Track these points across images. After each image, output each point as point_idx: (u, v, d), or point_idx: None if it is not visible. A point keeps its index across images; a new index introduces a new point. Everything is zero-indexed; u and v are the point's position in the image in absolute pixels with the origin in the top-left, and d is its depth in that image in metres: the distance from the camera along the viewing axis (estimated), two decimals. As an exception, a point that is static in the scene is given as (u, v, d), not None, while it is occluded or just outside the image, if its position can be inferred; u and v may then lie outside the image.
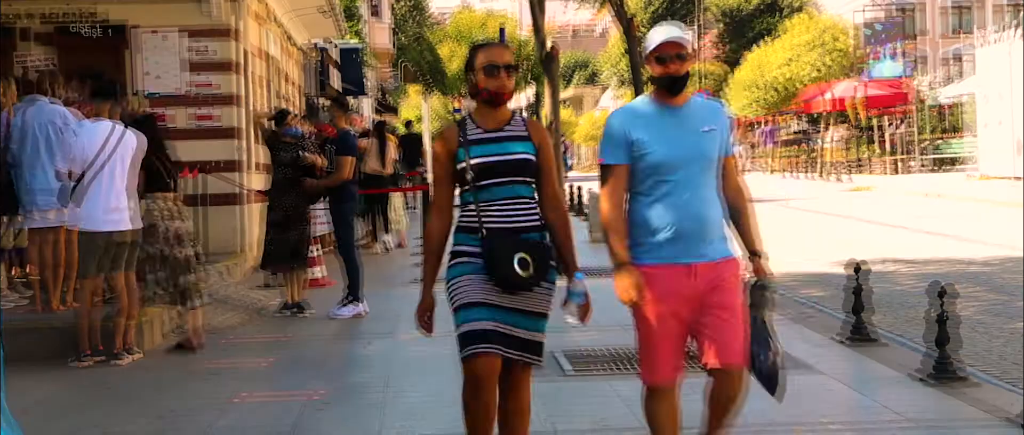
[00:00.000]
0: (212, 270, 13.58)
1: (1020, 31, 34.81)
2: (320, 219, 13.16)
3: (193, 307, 10.08)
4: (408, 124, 28.96)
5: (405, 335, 10.59)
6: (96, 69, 11.66)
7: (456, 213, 5.34)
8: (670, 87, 5.11)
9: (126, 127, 9.49)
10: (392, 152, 20.19)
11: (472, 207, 5.20)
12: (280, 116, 12.76)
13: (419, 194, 20.40)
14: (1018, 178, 32.56)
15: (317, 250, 13.89)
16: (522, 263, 5.06)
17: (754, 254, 5.26)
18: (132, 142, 9.41)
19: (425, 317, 5.47)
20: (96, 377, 8.93)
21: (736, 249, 5.23)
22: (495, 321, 5.16)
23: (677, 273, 5.06)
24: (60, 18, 15.16)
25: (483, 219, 5.16)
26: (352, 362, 9.68)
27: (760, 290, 5.22)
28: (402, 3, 56.17)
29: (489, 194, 5.16)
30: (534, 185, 5.28)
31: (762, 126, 59.12)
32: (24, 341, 9.20)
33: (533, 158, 5.22)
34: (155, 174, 9.90)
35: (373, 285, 12.68)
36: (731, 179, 5.28)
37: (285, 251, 11.88)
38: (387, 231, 19.36)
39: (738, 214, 5.28)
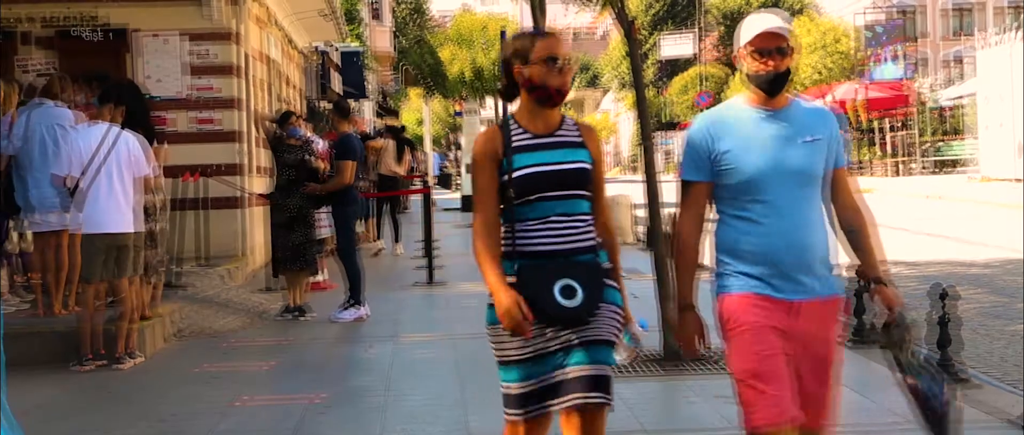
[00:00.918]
0: (213, 274, 13.60)
1: (1021, 33, 34.81)
2: (322, 222, 13.17)
3: (151, 281, 10.15)
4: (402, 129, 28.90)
5: (406, 338, 10.61)
6: (102, 71, 11.66)
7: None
8: (770, 87, 4.30)
9: (123, 129, 9.49)
10: (408, 154, 20.29)
11: (507, 231, 4.35)
12: (283, 117, 12.77)
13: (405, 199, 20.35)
14: (1019, 180, 32.55)
15: (320, 253, 13.88)
16: (566, 291, 4.21)
17: (877, 282, 4.45)
18: (129, 144, 9.39)
19: (517, 312, 4.19)
20: (97, 381, 8.93)
21: (840, 284, 4.45)
22: (546, 374, 4.31)
23: (775, 307, 4.27)
24: (61, 22, 15.16)
25: (518, 242, 4.29)
26: (353, 366, 9.68)
27: (899, 328, 4.45)
28: (403, 6, 56.19)
29: (536, 210, 4.29)
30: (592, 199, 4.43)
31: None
32: (26, 345, 9.20)
33: (591, 168, 4.41)
34: None
35: (374, 288, 12.69)
36: (844, 196, 4.48)
37: (291, 254, 11.88)
38: (397, 238, 19.36)
39: (856, 236, 4.47)
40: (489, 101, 29.22)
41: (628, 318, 4.45)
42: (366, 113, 38.51)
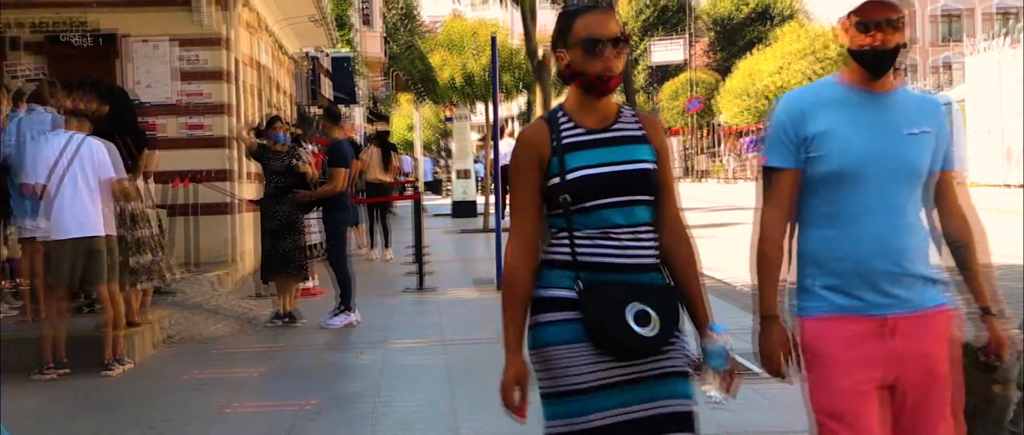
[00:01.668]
0: (203, 280, 13.58)
1: (1009, 39, 34.93)
2: (312, 228, 13.16)
3: (138, 288, 10.14)
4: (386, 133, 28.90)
5: (396, 344, 10.59)
6: (93, 77, 11.65)
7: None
8: (875, 65, 3.69)
9: (89, 136, 9.43)
10: (395, 159, 20.29)
11: (564, 237, 3.65)
12: (269, 122, 12.75)
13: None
14: (1008, 185, 32.66)
15: (310, 259, 13.86)
16: (640, 317, 3.55)
17: (985, 312, 3.84)
18: (94, 149, 9.31)
19: (514, 395, 3.81)
20: (87, 387, 8.90)
21: (947, 294, 3.82)
22: (616, 409, 3.63)
23: (866, 329, 3.66)
24: (50, 27, 15.13)
25: (579, 255, 3.61)
26: (344, 372, 9.66)
27: (1004, 382, 3.84)
28: (393, 12, 56.24)
29: (593, 219, 3.62)
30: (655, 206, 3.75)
31: (748, 135, 59.21)
32: (15, 351, 9.18)
33: (655, 167, 3.72)
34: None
35: (365, 294, 12.67)
36: (951, 203, 3.87)
37: (280, 261, 11.86)
38: (387, 244, 19.37)
39: (962, 252, 3.90)
40: (479, 107, 29.21)
41: (705, 332, 3.73)
42: (357, 119, 38.52)
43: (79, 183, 9.16)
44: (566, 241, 3.65)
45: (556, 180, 3.64)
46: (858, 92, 3.74)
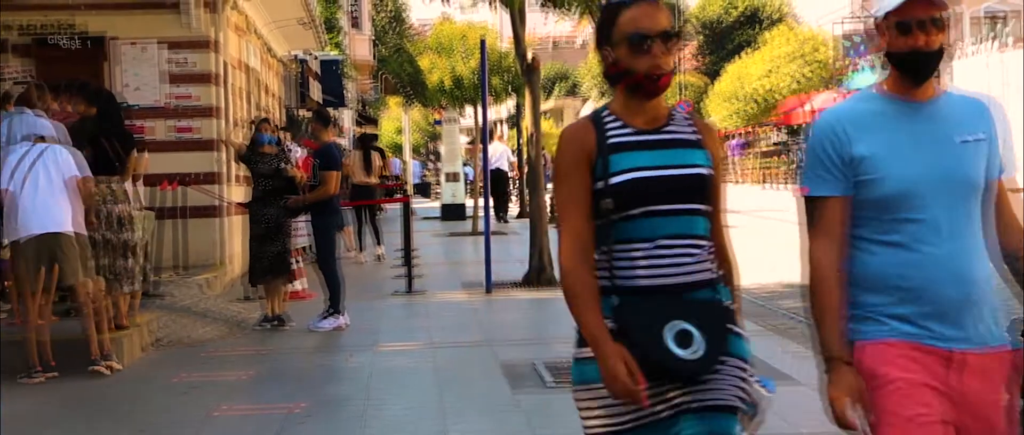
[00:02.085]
0: (192, 283, 13.56)
1: (997, 43, 35.04)
2: (300, 231, 13.14)
3: (125, 292, 10.10)
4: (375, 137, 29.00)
5: (386, 347, 10.59)
6: (81, 80, 11.63)
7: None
8: (917, 69, 3.34)
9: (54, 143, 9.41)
10: (377, 160, 20.30)
11: (603, 255, 3.33)
12: (258, 125, 12.74)
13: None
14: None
15: (297, 262, 13.85)
16: (681, 338, 3.21)
17: None
18: (59, 154, 9.27)
19: (624, 376, 3.20)
20: (75, 390, 8.88)
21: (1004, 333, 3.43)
22: None
23: (931, 361, 3.28)
24: (38, 30, 15.09)
25: (618, 271, 3.30)
26: (333, 375, 9.65)
27: None
28: (382, 15, 56.17)
29: (642, 229, 3.28)
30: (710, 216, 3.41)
31: (735, 138, 59.30)
32: (4, 354, 9.14)
33: (710, 174, 3.39)
34: (103, 156, 9.92)
35: (354, 297, 12.65)
36: (1006, 213, 3.47)
37: (267, 264, 11.84)
38: (379, 243, 19.38)
39: (1018, 263, 3.44)
40: (468, 110, 29.21)
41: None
42: (345, 122, 38.48)
43: (41, 183, 9.12)
44: (603, 263, 3.31)
45: (599, 185, 3.30)
46: (901, 103, 3.38)
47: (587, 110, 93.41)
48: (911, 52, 3.31)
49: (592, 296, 3.29)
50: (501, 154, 29.96)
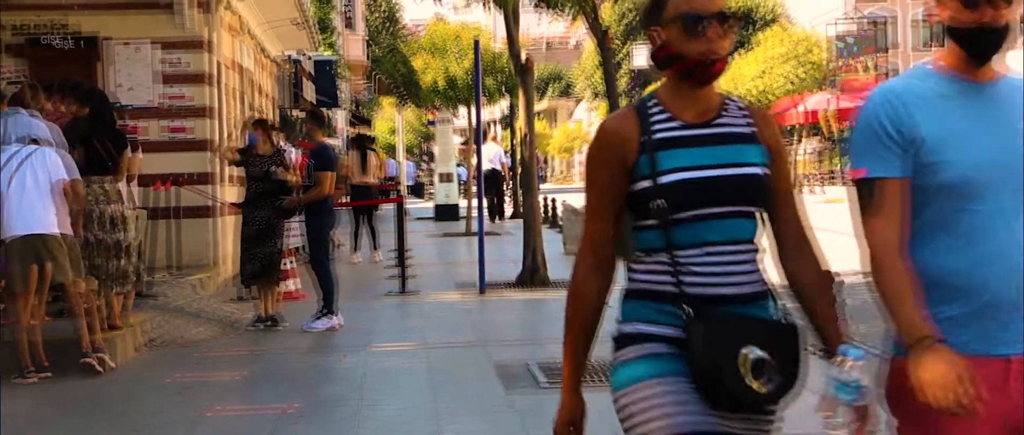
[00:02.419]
0: (185, 283, 13.55)
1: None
2: (293, 231, 13.14)
3: (118, 292, 10.10)
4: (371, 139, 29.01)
5: (379, 348, 10.59)
6: (74, 80, 11.61)
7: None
8: (981, 47, 3.02)
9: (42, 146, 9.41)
10: (374, 160, 20.32)
11: (663, 259, 3.01)
12: (255, 125, 12.74)
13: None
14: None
15: (291, 262, 13.86)
16: (757, 366, 2.88)
17: None
18: (47, 156, 9.28)
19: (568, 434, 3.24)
20: (69, 391, 8.87)
21: None
22: None
23: (988, 373, 2.89)
24: (31, 30, 15.08)
25: (684, 281, 2.98)
26: (326, 375, 9.65)
27: None
28: (376, 15, 56.16)
29: (691, 234, 2.99)
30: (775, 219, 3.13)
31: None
32: (-2, 355, 9.14)
33: (765, 172, 3.07)
34: (95, 157, 9.92)
35: (347, 298, 12.65)
36: None
37: (258, 266, 11.84)
38: (375, 247, 19.37)
39: None
40: (462, 110, 29.21)
41: (835, 355, 3.02)
42: (339, 122, 38.47)
43: (28, 184, 9.12)
44: (666, 264, 3.00)
45: (645, 184, 3.00)
46: (962, 83, 3.06)
47: (581, 111, 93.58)
48: (977, 27, 2.98)
49: (588, 326, 3.21)
50: (495, 155, 29.99)
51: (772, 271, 3.17)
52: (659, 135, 3.03)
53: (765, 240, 3.17)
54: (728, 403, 2.94)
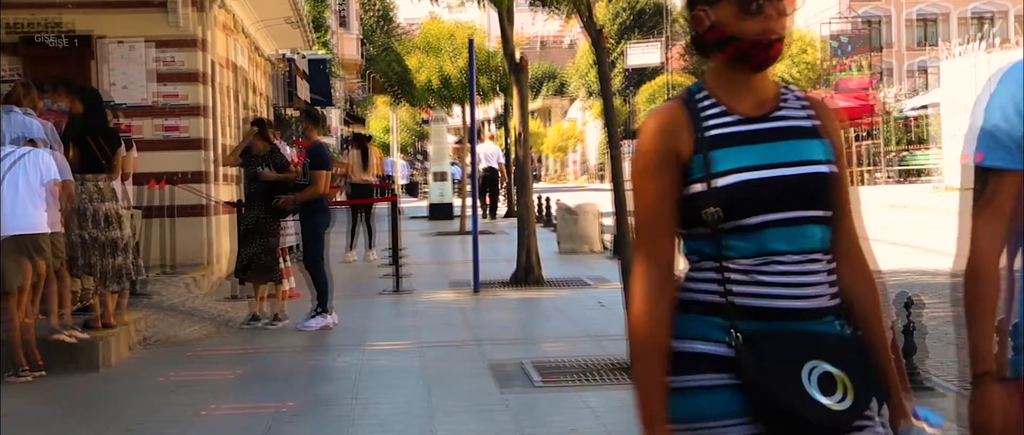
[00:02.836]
0: (179, 282, 13.54)
1: (984, 44, 35.17)
2: (288, 230, 13.14)
3: (113, 290, 10.11)
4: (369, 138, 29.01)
5: (373, 346, 10.59)
6: (66, 77, 11.61)
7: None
8: None
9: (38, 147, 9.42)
10: (374, 158, 20.37)
11: (711, 268, 2.69)
12: (255, 124, 12.75)
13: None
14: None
15: (285, 261, 13.84)
16: (825, 382, 2.55)
17: None
18: (40, 157, 9.28)
19: None
20: (63, 389, 8.87)
21: None
22: None
23: None
24: (25, 28, 15.06)
25: (734, 293, 2.64)
26: (320, 374, 9.65)
27: None
28: (370, 14, 56.18)
29: (749, 243, 2.65)
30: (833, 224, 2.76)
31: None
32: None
33: (833, 171, 2.74)
34: (89, 155, 9.93)
35: (341, 297, 12.65)
36: None
37: (245, 263, 11.86)
38: (371, 246, 19.39)
39: None
40: (456, 109, 29.23)
41: (905, 416, 2.77)
42: (333, 121, 38.47)
43: (20, 185, 9.13)
44: (714, 274, 2.67)
45: (699, 187, 2.67)
46: None
47: (575, 110, 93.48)
48: None
49: (660, 353, 2.66)
50: (493, 153, 29.98)
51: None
52: (713, 132, 2.69)
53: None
54: (800, 429, 2.55)
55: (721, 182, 2.64)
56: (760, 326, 2.62)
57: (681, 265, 2.75)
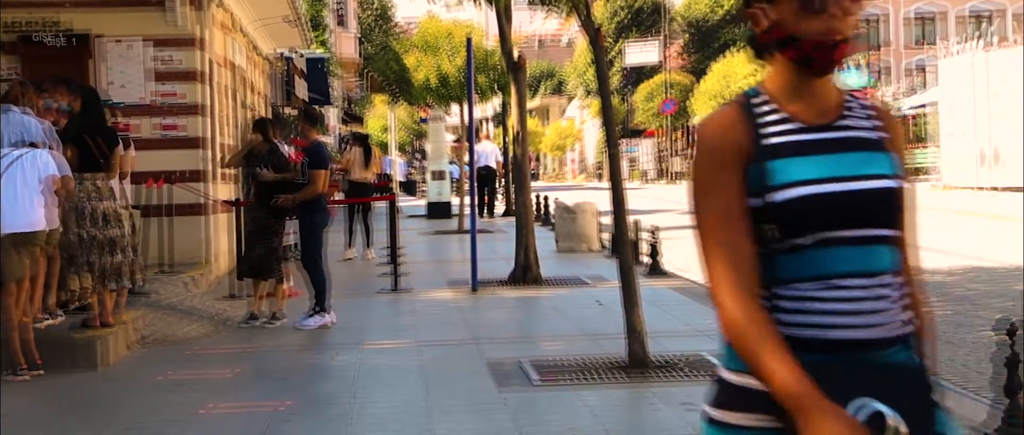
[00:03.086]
0: (177, 280, 13.54)
1: (982, 42, 35.16)
2: (287, 229, 13.13)
3: (111, 289, 10.11)
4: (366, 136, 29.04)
5: (371, 345, 10.59)
6: (64, 75, 11.60)
7: None
8: None
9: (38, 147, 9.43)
10: (376, 156, 20.42)
11: (766, 295, 2.46)
12: (258, 125, 12.76)
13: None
14: (981, 188, 32.92)
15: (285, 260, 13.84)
16: (875, 423, 2.26)
17: None
18: (38, 155, 9.28)
19: None
20: (61, 388, 8.87)
21: None
22: None
23: None
24: (23, 27, 15.04)
25: (782, 323, 2.42)
26: (319, 373, 9.65)
27: None
28: (368, 13, 56.18)
29: (811, 264, 2.44)
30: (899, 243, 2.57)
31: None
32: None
33: (901, 187, 2.55)
34: (88, 154, 9.93)
35: (339, 295, 12.66)
36: None
37: (246, 265, 11.88)
38: (368, 244, 19.40)
39: None
40: (454, 108, 29.21)
41: None
42: (331, 120, 38.47)
43: (18, 182, 9.12)
44: (767, 300, 2.45)
45: (754, 202, 2.46)
46: None
47: (573, 109, 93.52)
48: None
49: (774, 338, 2.38)
50: (490, 152, 29.96)
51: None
52: (773, 140, 2.48)
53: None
54: None
55: (779, 196, 2.43)
56: (815, 359, 2.37)
57: None
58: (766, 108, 2.53)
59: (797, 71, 2.52)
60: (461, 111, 27.22)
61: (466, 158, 21.11)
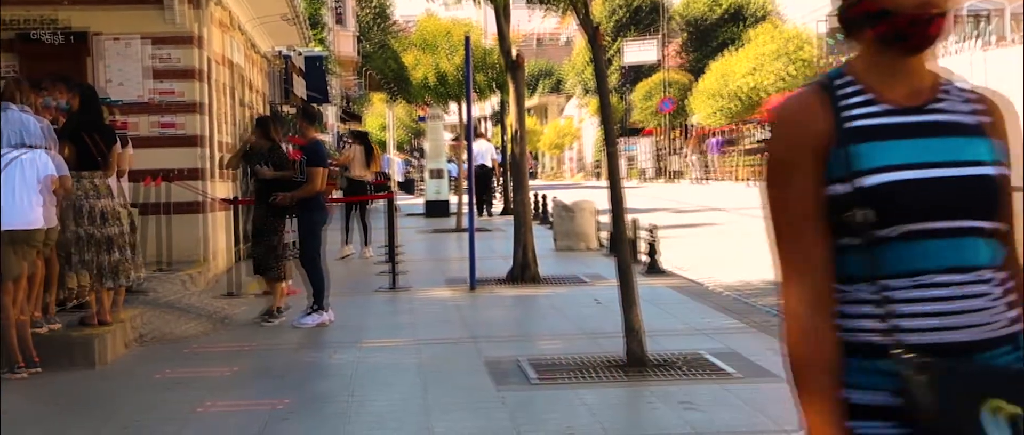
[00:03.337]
0: (175, 278, 13.53)
1: (981, 41, 35.21)
2: (286, 228, 13.13)
3: (109, 287, 10.10)
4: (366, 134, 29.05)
5: (369, 343, 10.59)
6: (63, 74, 11.61)
7: None
8: None
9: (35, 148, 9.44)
10: (377, 153, 20.43)
11: (866, 291, 2.28)
12: (260, 123, 12.78)
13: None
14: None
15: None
16: (1015, 426, 2.11)
17: None
18: (36, 155, 9.28)
19: None
20: (59, 386, 8.87)
21: None
22: None
23: None
24: (21, 25, 15.04)
25: (899, 326, 2.24)
26: (317, 371, 9.65)
27: None
28: (367, 11, 56.14)
29: (901, 257, 2.26)
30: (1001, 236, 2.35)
31: (714, 136, 59.43)
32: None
33: (1002, 174, 2.33)
34: (86, 152, 9.93)
35: (338, 294, 12.66)
36: None
37: (255, 261, 11.95)
38: (366, 243, 19.40)
39: None
40: (453, 106, 29.22)
41: None
42: (330, 118, 38.47)
43: (16, 181, 9.13)
44: (871, 297, 2.26)
45: (840, 188, 2.28)
46: None
47: (571, 107, 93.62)
48: None
49: (832, 369, 2.25)
50: (485, 151, 29.94)
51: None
52: (857, 122, 2.31)
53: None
54: None
55: (867, 181, 2.25)
56: (938, 365, 2.19)
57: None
58: (851, 89, 2.36)
59: (888, 49, 2.34)
60: (459, 109, 27.24)
61: (464, 156, 21.09)
